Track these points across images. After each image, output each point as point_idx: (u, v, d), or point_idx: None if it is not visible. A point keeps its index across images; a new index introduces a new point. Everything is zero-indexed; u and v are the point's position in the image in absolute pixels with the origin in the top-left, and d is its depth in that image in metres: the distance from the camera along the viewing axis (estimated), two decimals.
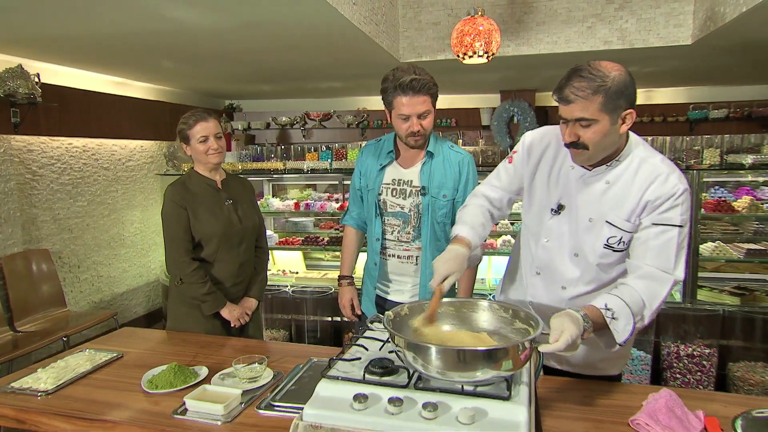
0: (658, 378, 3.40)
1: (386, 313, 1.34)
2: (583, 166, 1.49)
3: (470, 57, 2.74)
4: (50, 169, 4.03)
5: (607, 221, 1.46)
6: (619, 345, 1.35)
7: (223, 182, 2.26)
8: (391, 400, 1.15)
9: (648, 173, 1.41)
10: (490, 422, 1.11)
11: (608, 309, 1.33)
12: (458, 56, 2.80)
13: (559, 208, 1.54)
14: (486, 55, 2.71)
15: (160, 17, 2.81)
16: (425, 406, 1.13)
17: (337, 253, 4.44)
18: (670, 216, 1.39)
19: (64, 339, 3.33)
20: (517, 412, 1.12)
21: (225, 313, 2.18)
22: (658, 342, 3.38)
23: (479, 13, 2.72)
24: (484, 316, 1.44)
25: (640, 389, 1.50)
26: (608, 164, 1.46)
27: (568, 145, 1.42)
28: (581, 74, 1.33)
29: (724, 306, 3.31)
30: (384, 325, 1.29)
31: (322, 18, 2.86)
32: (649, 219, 1.41)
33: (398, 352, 1.23)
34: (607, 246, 1.47)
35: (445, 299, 1.47)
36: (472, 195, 1.77)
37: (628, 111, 1.36)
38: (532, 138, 1.63)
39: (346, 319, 3.78)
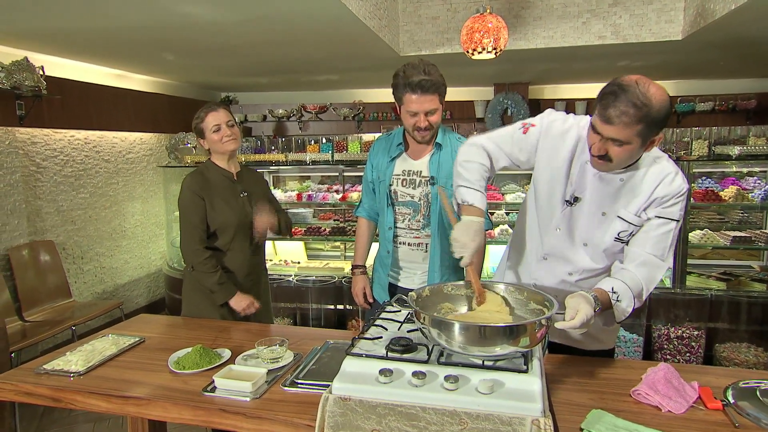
0: (649, 359, 3.52)
1: (410, 294, 1.42)
2: None
3: (479, 53, 2.82)
4: (53, 161, 4.04)
5: (618, 216, 1.54)
6: (617, 323, 1.50)
7: (238, 174, 2.31)
8: (414, 374, 1.23)
9: (657, 173, 1.50)
10: (508, 392, 1.20)
11: (614, 292, 1.45)
12: (467, 52, 2.87)
13: (574, 200, 1.59)
14: (494, 51, 2.79)
15: (169, 12, 2.82)
16: (447, 378, 1.21)
17: (338, 244, 4.51)
18: (672, 211, 1.51)
19: (73, 328, 3.38)
20: (532, 382, 1.21)
21: (233, 302, 2.19)
22: (650, 325, 3.52)
23: (488, 11, 2.79)
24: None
25: (638, 364, 1.58)
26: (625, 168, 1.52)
27: (594, 156, 1.46)
28: (631, 99, 1.30)
29: (711, 291, 3.46)
30: (409, 304, 1.37)
31: (330, 13, 2.90)
32: (653, 212, 1.52)
33: (423, 329, 1.31)
34: (617, 239, 1.57)
35: (461, 282, 1.57)
36: (474, 146, 1.68)
37: (658, 136, 1.42)
38: (554, 118, 1.62)
39: (349, 306, 3.89)
